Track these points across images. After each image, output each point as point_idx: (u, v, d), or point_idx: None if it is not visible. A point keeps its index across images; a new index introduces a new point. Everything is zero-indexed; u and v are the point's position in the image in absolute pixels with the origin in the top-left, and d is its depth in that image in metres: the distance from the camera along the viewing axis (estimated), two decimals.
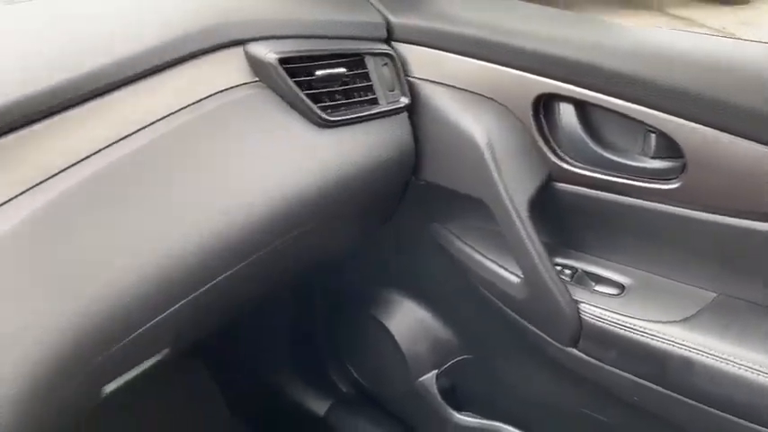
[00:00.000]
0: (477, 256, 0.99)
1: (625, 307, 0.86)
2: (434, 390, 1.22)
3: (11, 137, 0.64)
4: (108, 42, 0.74)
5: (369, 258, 1.20)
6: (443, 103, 0.92)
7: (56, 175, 0.66)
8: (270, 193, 0.81)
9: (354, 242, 1.11)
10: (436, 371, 1.22)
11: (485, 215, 0.92)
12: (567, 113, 0.87)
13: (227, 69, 0.82)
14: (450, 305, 1.17)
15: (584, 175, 0.87)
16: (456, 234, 1.03)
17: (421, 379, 1.22)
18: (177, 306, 0.75)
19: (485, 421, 1.18)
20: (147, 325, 0.72)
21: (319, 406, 1.39)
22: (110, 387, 0.79)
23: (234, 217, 0.78)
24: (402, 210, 1.07)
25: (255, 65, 0.83)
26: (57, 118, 0.67)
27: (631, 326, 0.84)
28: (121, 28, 0.78)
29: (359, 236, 1.10)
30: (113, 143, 0.71)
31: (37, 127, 0.66)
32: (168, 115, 0.75)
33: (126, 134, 0.72)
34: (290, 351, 1.40)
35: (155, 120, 0.74)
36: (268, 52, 0.83)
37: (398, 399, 1.30)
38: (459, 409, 1.21)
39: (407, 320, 1.22)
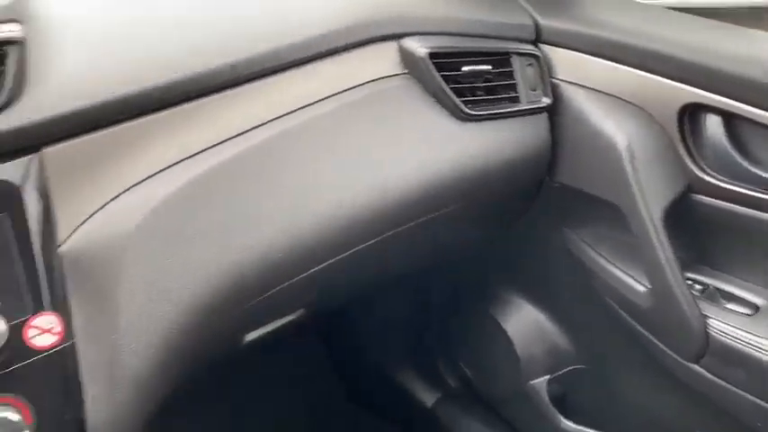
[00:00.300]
0: (605, 263, 0.99)
1: (758, 327, 0.83)
2: (545, 395, 1.22)
3: (185, 106, 0.72)
4: (276, 29, 0.82)
5: (492, 256, 1.22)
6: (586, 105, 0.93)
7: (221, 143, 0.74)
8: (407, 177, 0.86)
9: (483, 237, 1.14)
10: (548, 376, 1.22)
11: (616, 222, 0.92)
12: (713, 125, 0.86)
13: (381, 60, 0.88)
14: (571, 312, 1.17)
15: (726, 189, 0.85)
16: (585, 240, 1.03)
17: (532, 382, 1.23)
18: (315, 269, 0.81)
19: None
20: (288, 282, 0.80)
21: (427, 398, 1.43)
22: (250, 336, 0.88)
23: (372, 196, 0.83)
24: (532, 210, 1.09)
25: (407, 58, 0.88)
26: (225, 93, 0.75)
27: (763, 347, 0.81)
28: (291, 16, 0.86)
29: (488, 231, 1.13)
30: (273, 120, 0.78)
31: (206, 100, 0.74)
32: (324, 99, 0.82)
33: (284, 113, 0.79)
34: (406, 341, 1.45)
35: (311, 102, 0.81)
36: (420, 46, 0.88)
37: (506, 399, 1.31)
38: (567, 417, 1.20)
39: (525, 322, 1.23)
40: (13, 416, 0.58)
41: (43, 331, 0.60)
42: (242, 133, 0.75)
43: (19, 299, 0.59)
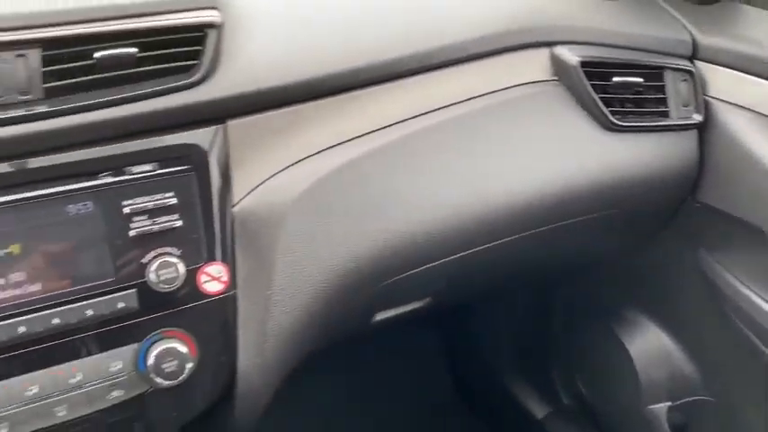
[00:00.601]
0: (743, 289, 0.96)
1: None
2: (664, 422, 1.18)
3: (352, 93, 0.79)
4: (435, 29, 0.86)
5: (621, 272, 1.21)
6: (740, 126, 0.91)
7: (377, 130, 0.80)
8: (548, 181, 0.88)
9: (614, 251, 1.13)
10: (670, 403, 1.18)
11: (761, 248, 0.89)
12: None
13: (532, 66, 0.91)
14: (700, 338, 1.13)
15: None
16: (723, 263, 1.00)
17: (651, 407, 1.20)
18: (447, 259, 0.85)
19: None
20: (421, 268, 0.84)
21: (538, 409, 1.43)
22: (379, 316, 0.93)
23: (511, 196, 0.86)
24: (669, 228, 1.07)
25: (557, 65, 0.91)
26: (388, 84, 0.81)
27: None
28: (449, 17, 0.89)
29: (621, 245, 1.12)
30: (424, 113, 0.83)
31: (373, 89, 0.80)
32: (473, 98, 0.86)
33: (434, 108, 0.84)
34: (522, 349, 1.46)
35: (460, 100, 0.86)
36: (572, 55, 0.90)
37: (621, 421, 1.28)
38: None
39: (649, 344, 1.20)
40: (182, 348, 0.67)
41: (213, 278, 0.69)
42: (396, 123, 0.81)
43: (196, 248, 0.68)
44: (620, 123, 0.90)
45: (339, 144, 0.78)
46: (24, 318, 0.61)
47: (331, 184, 0.76)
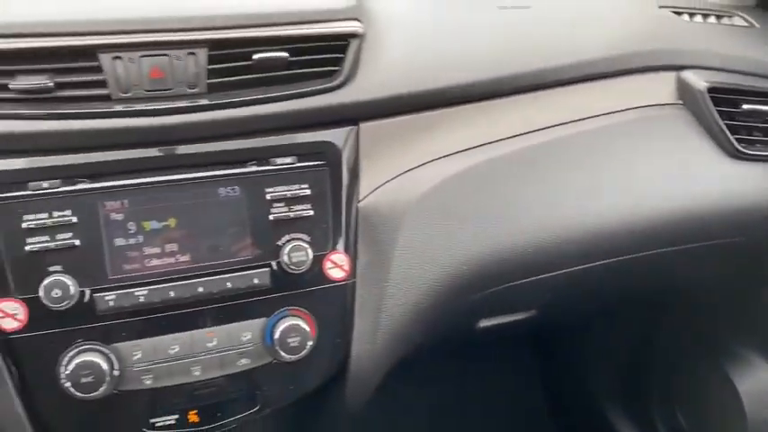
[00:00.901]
0: None
1: None
2: None
3: (479, 104, 0.83)
4: (562, 47, 0.88)
5: (736, 307, 1.17)
6: None
7: (500, 140, 0.83)
8: (666, 204, 0.88)
9: (733, 282, 1.10)
10: None
11: None
12: None
13: (657, 88, 0.92)
14: None
15: None
16: None
17: None
18: (556, 273, 0.87)
19: None
20: (528, 279, 0.86)
21: None
22: (483, 323, 0.96)
23: (633, 214, 0.86)
24: None
25: (683, 89, 0.91)
26: (514, 98, 0.84)
27: None
28: (579, 36, 0.91)
29: (740, 277, 1.08)
30: (548, 127, 0.86)
31: (497, 101, 0.84)
32: (597, 116, 0.88)
33: (559, 123, 0.86)
34: (622, 375, 1.43)
35: (585, 117, 0.88)
36: (699, 80, 0.90)
37: None
38: None
39: (761, 384, 1.16)
40: (305, 326, 0.73)
41: (336, 266, 0.74)
42: (520, 135, 0.84)
43: (324, 236, 0.74)
44: (747, 152, 0.89)
45: (462, 151, 0.82)
46: (174, 284, 0.70)
47: (451, 189, 0.80)
